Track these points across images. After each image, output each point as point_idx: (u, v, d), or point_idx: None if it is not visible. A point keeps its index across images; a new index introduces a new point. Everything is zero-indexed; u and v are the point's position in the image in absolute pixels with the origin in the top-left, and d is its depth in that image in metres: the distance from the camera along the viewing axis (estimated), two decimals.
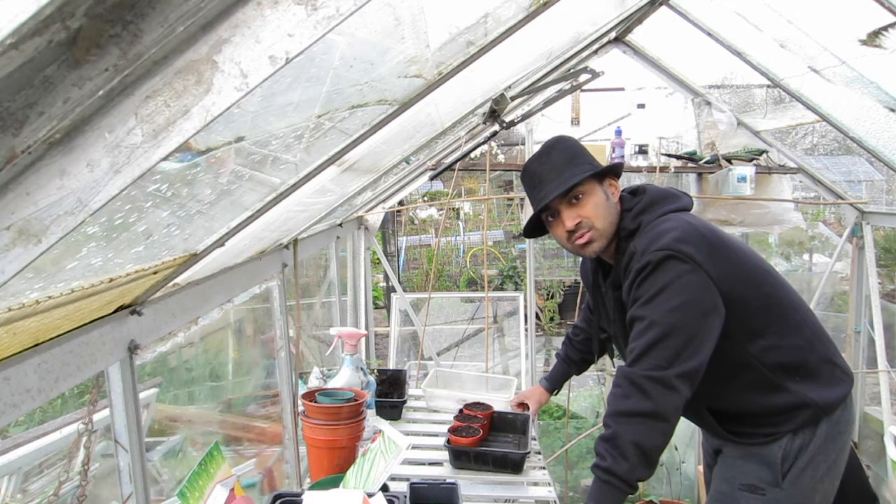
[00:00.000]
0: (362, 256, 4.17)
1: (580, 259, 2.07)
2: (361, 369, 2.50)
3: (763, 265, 1.76)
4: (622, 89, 4.44)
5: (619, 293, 1.77)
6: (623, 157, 4.02)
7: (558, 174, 1.73)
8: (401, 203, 5.58)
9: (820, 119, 3.26)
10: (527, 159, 1.90)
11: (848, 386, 1.76)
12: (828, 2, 2.48)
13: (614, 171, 1.81)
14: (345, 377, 2.43)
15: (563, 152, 1.77)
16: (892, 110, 2.73)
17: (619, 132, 4.09)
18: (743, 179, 3.73)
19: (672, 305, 1.56)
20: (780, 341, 1.69)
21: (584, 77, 2.64)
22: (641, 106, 4.37)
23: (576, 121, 4.91)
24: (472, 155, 3.82)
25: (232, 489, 1.58)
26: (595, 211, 1.73)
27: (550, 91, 2.92)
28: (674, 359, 1.55)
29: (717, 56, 3.26)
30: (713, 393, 1.73)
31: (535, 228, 1.87)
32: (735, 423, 1.78)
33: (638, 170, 4.02)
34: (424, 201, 11.32)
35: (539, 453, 2.58)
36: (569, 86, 2.85)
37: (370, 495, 1.63)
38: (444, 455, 2.45)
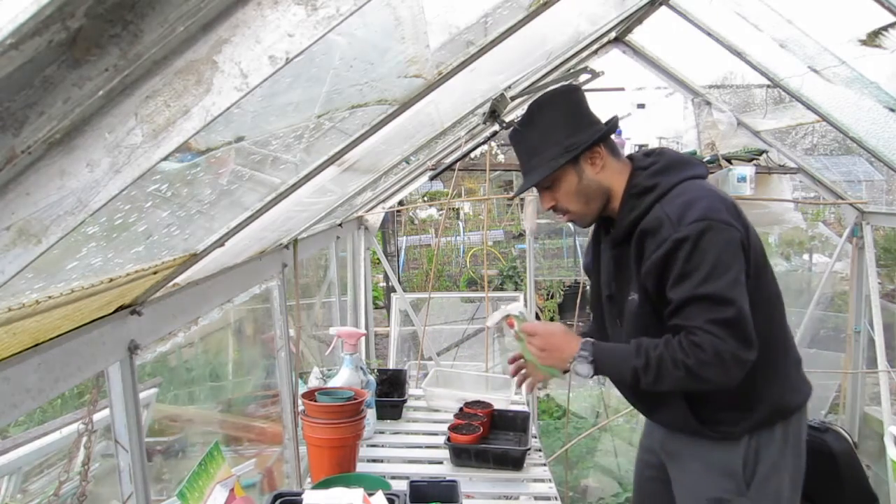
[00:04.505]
0: (362, 256, 4.17)
1: (581, 259, 2.07)
2: (361, 369, 2.51)
3: (764, 251, 1.75)
4: (622, 89, 4.45)
5: (618, 251, 1.72)
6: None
7: (528, 159, 1.73)
8: (401, 203, 5.58)
9: (820, 119, 3.26)
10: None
11: (807, 394, 1.76)
12: (828, 2, 2.48)
13: (596, 142, 1.70)
14: (344, 376, 2.43)
15: (537, 129, 1.72)
16: (892, 110, 2.73)
17: (619, 132, 4.09)
18: (743, 179, 3.73)
19: (731, 277, 1.53)
20: (760, 328, 1.64)
21: (583, 77, 2.64)
22: (641, 106, 4.38)
23: None
24: (472, 155, 3.82)
25: (232, 489, 1.58)
26: (566, 197, 1.72)
27: None
28: (753, 340, 1.53)
29: (717, 56, 3.26)
30: None
31: None
32: (707, 409, 1.70)
33: None
34: (424, 201, 11.33)
35: (539, 450, 2.58)
36: None
37: (370, 494, 1.63)
38: (445, 454, 2.46)
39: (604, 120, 1.78)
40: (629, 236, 1.67)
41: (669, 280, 1.57)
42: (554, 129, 1.70)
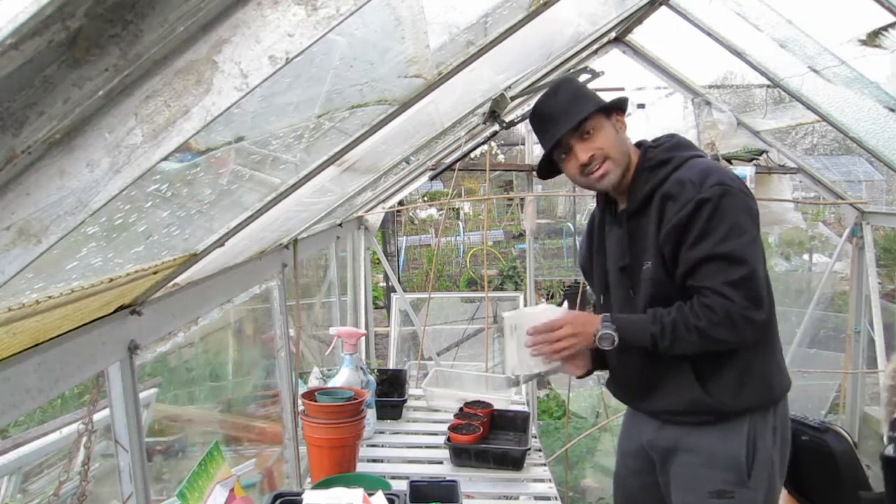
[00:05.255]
0: (362, 256, 4.17)
1: (580, 258, 2.07)
2: (361, 368, 2.51)
3: None
4: (622, 89, 4.44)
5: (633, 223, 1.77)
6: None
7: (567, 110, 1.75)
8: (401, 203, 5.58)
9: (820, 119, 3.26)
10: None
11: (790, 381, 1.81)
12: (828, 2, 2.48)
13: (620, 106, 1.82)
14: (344, 376, 2.43)
15: (568, 91, 1.78)
16: (892, 110, 2.73)
17: None
18: (743, 179, 3.73)
19: (748, 239, 1.61)
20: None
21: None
22: (641, 106, 4.37)
23: None
24: (472, 155, 3.82)
25: (232, 489, 1.58)
26: (608, 142, 1.75)
27: None
28: (763, 300, 1.60)
29: (717, 56, 3.26)
30: None
31: (548, 169, 1.88)
32: (711, 382, 1.70)
33: None
34: (424, 201, 11.33)
35: (539, 450, 2.58)
36: None
37: (370, 494, 1.63)
38: (445, 454, 2.46)
39: None
40: (646, 205, 1.73)
41: (688, 240, 1.62)
42: (582, 93, 1.79)
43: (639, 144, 1.85)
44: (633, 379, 1.85)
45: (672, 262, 1.67)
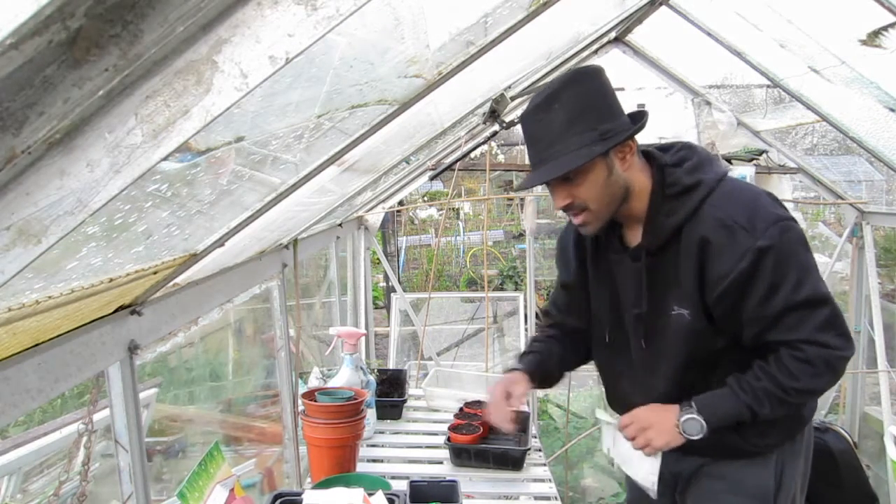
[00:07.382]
0: (362, 256, 4.17)
1: (565, 273, 1.78)
2: (361, 368, 2.51)
3: None
4: (622, 89, 4.44)
5: (653, 261, 1.52)
6: None
7: (549, 144, 1.44)
8: (401, 203, 5.57)
9: (820, 119, 3.26)
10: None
11: (817, 404, 1.72)
12: (828, 2, 2.48)
13: (631, 135, 1.47)
14: (345, 376, 2.43)
15: (565, 107, 1.43)
16: (892, 110, 2.73)
17: None
18: (743, 179, 3.73)
19: (815, 274, 1.47)
20: None
21: None
22: (641, 106, 4.37)
23: None
24: (472, 155, 3.81)
25: (232, 489, 1.58)
26: (589, 192, 1.45)
27: None
28: (850, 331, 1.50)
29: (717, 56, 3.26)
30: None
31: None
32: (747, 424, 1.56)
33: None
34: (424, 201, 11.33)
35: (539, 450, 2.58)
36: None
37: (370, 494, 1.63)
38: (445, 454, 2.46)
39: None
40: (671, 241, 1.49)
41: (756, 296, 1.43)
42: (585, 111, 1.44)
43: (647, 154, 1.55)
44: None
45: (728, 316, 1.47)
